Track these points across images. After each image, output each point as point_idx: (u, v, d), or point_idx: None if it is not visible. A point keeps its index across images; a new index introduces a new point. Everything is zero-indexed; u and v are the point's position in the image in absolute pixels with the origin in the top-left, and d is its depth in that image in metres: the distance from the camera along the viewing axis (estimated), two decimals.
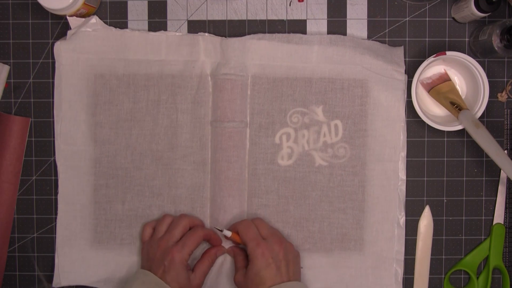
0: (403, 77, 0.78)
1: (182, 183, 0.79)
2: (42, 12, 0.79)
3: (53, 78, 0.80)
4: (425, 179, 0.80)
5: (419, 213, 0.80)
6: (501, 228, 0.80)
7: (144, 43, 0.78)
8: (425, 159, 0.80)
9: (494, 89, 0.80)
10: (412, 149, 0.80)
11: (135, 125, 0.79)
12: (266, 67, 0.78)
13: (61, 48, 0.78)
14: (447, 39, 0.80)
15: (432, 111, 0.80)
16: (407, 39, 0.80)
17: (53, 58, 0.79)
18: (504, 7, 0.79)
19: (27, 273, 0.81)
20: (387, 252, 0.79)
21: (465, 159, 0.80)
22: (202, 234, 0.75)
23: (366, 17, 0.80)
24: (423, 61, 0.76)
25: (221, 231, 0.75)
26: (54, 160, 0.80)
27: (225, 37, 0.79)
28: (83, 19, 0.78)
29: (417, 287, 0.80)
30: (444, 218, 0.80)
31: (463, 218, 0.80)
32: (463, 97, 0.79)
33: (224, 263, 0.79)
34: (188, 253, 0.72)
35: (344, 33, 0.80)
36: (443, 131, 0.80)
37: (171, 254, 0.71)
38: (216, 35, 0.79)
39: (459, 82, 0.80)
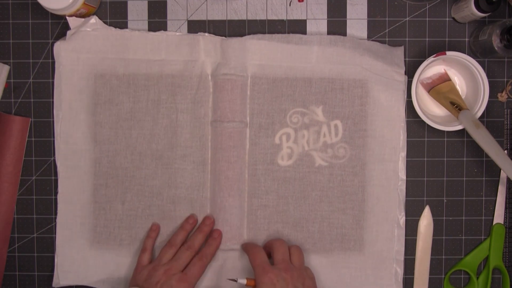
0: (403, 78, 0.78)
1: (182, 183, 0.79)
2: (42, 12, 0.79)
3: (53, 78, 0.80)
4: (425, 179, 0.80)
5: (419, 213, 0.80)
6: (501, 228, 0.80)
7: (144, 43, 0.78)
8: (425, 159, 0.80)
9: (494, 89, 0.79)
10: (412, 149, 0.80)
11: (135, 124, 0.79)
12: (266, 67, 0.78)
13: (61, 48, 0.78)
14: (447, 39, 0.80)
15: (432, 111, 0.80)
16: (407, 39, 0.80)
17: (53, 58, 0.79)
18: (504, 7, 0.79)
19: (27, 273, 0.81)
20: (387, 252, 0.79)
21: (465, 159, 0.80)
22: (207, 263, 0.75)
23: (366, 17, 0.80)
24: (423, 61, 0.76)
25: (236, 280, 0.74)
26: (54, 160, 0.80)
27: (225, 37, 0.79)
28: (83, 19, 0.78)
29: (417, 287, 0.80)
30: (444, 218, 0.80)
31: (463, 218, 0.80)
32: (463, 97, 0.79)
33: (224, 265, 0.79)
34: (193, 284, 0.73)
35: (344, 33, 0.80)
36: (443, 131, 0.80)
37: (179, 283, 0.71)
38: (216, 35, 0.79)
39: (459, 82, 0.80)
